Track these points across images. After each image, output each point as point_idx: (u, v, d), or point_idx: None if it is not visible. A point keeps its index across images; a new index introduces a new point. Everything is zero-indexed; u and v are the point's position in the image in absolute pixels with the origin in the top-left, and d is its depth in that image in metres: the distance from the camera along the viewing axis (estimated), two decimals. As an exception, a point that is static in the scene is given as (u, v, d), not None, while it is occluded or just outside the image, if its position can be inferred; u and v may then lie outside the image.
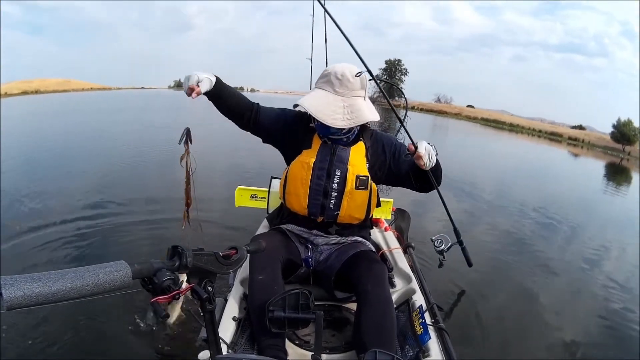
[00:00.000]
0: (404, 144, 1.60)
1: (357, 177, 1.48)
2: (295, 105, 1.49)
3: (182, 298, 0.94)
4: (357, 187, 1.48)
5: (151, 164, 7.11)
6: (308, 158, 1.50)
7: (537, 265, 3.95)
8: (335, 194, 1.48)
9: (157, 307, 0.68)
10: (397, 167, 1.54)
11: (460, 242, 2.00)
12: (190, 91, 1.37)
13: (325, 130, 1.48)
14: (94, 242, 3.40)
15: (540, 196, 7.57)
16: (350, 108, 1.42)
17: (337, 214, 1.51)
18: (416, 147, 1.33)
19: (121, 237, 3.58)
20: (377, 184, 1.54)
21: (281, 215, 1.68)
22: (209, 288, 0.82)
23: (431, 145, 1.38)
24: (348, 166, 1.48)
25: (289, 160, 1.59)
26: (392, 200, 2.42)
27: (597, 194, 10.03)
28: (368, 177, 1.50)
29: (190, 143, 1.36)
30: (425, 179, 1.46)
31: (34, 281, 0.46)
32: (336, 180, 1.48)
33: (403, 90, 2.73)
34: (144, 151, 8.22)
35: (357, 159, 1.50)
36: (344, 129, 1.44)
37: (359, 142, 1.53)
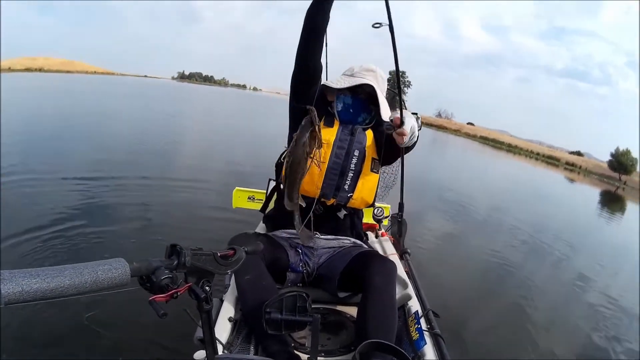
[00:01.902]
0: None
1: (373, 159, 1.53)
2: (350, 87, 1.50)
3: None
4: (371, 170, 1.52)
5: (151, 152, 7.17)
6: (327, 135, 1.48)
7: (531, 279, 4.08)
8: (352, 174, 1.49)
9: (155, 306, 0.66)
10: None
11: (400, 218, 2.03)
12: None
13: (352, 117, 1.55)
14: (91, 225, 3.44)
15: (536, 217, 7.66)
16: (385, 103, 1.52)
17: (351, 196, 1.51)
18: (402, 122, 1.33)
19: (118, 224, 3.62)
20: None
21: (277, 216, 1.64)
22: (207, 288, 0.80)
23: (417, 118, 1.44)
24: (366, 147, 1.51)
25: None
26: (389, 206, 2.40)
27: (592, 220, 10.13)
28: (379, 160, 1.55)
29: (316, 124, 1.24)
30: (392, 150, 1.53)
31: (33, 277, 0.45)
32: (354, 160, 1.49)
33: (405, 102, 2.76)
34: (144, 139, 8.30)
35: (372, 142, 1.54)
36: (366, 120, 1.57)
37: (369, 129, 1.59)
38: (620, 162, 35.59)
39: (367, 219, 2.30)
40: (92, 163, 5.64)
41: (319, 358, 1.20)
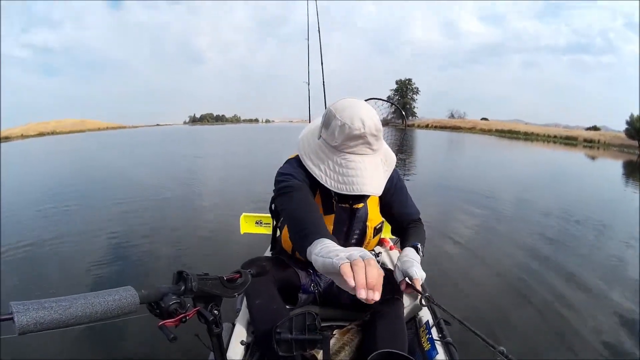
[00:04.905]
0: (403, 186, 1.50)
1: (375, 228, 1.46)
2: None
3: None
4: (373, 236, 1.47)
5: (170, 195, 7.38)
6: (327, 223, 1.33)
7: (550, 278, 3.81)
8: (353, 243, 1.45)
9: (165, 330, 0.69)
10: (387, 203, 1.48)
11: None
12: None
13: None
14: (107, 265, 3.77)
15: (562, 203, 7.42)
16: (384, 158, 1.26)
17: None
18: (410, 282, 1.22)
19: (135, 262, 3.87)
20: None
21: (279, 250, 1.60)
22: (215, 312, 0.82)
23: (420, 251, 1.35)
24: (367, 223, 1.43)
25: None
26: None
27: (619, 193, 9.81)
28: (383, 222, 1.49)
29: None
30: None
31: (45, 308, 0.48)
32: (355, 237, 1.44)
33: (415, 109, 2.75)
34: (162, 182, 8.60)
35: (374, 212, 1.45)
36: None
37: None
38: (637, 129, 34.30)
39: (386, 233, 2.29)
40: (104, 209, 6.02)
41: None
